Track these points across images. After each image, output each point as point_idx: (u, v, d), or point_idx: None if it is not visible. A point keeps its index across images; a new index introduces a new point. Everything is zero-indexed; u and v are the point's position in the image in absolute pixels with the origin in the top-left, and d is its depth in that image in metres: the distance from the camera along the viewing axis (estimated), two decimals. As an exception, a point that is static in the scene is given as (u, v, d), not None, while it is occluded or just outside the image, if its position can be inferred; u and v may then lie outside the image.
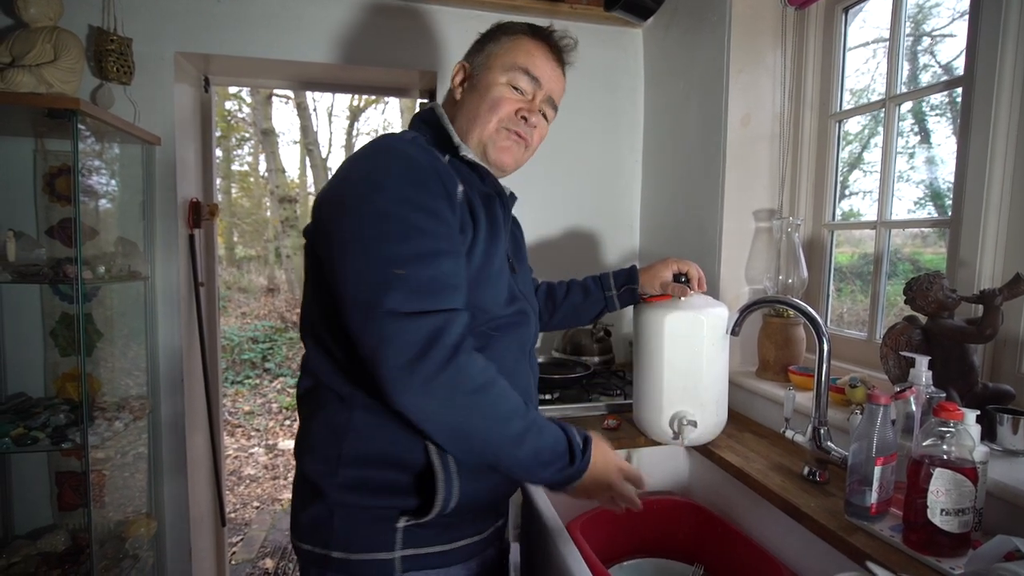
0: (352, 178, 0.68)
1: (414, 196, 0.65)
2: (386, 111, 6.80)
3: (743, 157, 1.37)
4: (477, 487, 0.72)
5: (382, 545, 0.69)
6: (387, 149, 0.69)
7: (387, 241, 0.62)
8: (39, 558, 1.41)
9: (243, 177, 6.96)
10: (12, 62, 1.26)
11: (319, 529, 0.71)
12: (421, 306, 0.61)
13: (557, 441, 0.69)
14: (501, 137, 0.79)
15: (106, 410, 1.47)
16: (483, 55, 0.81)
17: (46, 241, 1.48)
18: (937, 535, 0.66)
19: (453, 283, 0.65)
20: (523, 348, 0.82)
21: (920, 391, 0.79)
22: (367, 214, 0.63)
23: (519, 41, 0.80)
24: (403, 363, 0.59)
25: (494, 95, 0.78)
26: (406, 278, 0.61)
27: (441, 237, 0.65)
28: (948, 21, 1.12)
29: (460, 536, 0.74)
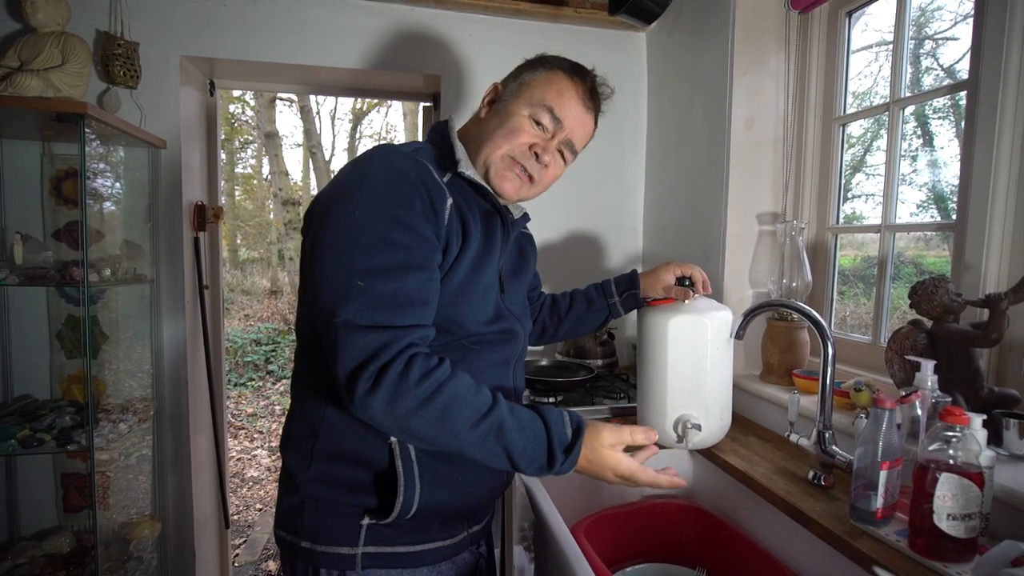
0: (339, 185, 0.69)
1: (391, 209, 0.65)
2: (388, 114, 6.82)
3: (747, 160, 1.37)
4: (443, 495, 0.73)
5: (345, 540, 0.71)
6: (377, 158, 0.70)
7: (354, 251, 0.64)
8: (44, 560, 1.42)
9: (246, 180, 6.99)
10: (20, 66, 1.27)
11: (292, 519, 0.73)
12: (374, 319, 0.62)
13: (535, 439, 0.66)
14: (504, 166, 0.78)
15: (111, 412, 1.47)
16: (517, 82, 0.81)
17: (53, 244, 1.49)
18: (943, 540, 0.66)
19: (417, 298, 0.65)
20: (506, 363, 0.82)
21: (926, 395, 0.79)
22: (343, 223, 0.65)
23: (554, 77, 0.79)
24: (348, 372, 0.62)
25: (512, 124, 0.77)
26: (365, 290, 0.63)
27: (413, 251, 0.65)
28: (951, 24, 1.12)
29: (427, 539, 0.74)
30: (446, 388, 0.64)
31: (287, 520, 0.74)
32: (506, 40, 1.73)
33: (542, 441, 0.67)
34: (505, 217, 0.81)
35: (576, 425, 0.70)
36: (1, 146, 1.46)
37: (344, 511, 0.72)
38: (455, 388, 0.64)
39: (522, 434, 0.66)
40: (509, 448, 0.65)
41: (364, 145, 6.76)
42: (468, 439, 0.64)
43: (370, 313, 0.62)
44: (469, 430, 0.64)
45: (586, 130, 0.84)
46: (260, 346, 5.34)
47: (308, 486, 0.72)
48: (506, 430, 0.65)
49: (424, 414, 0.62)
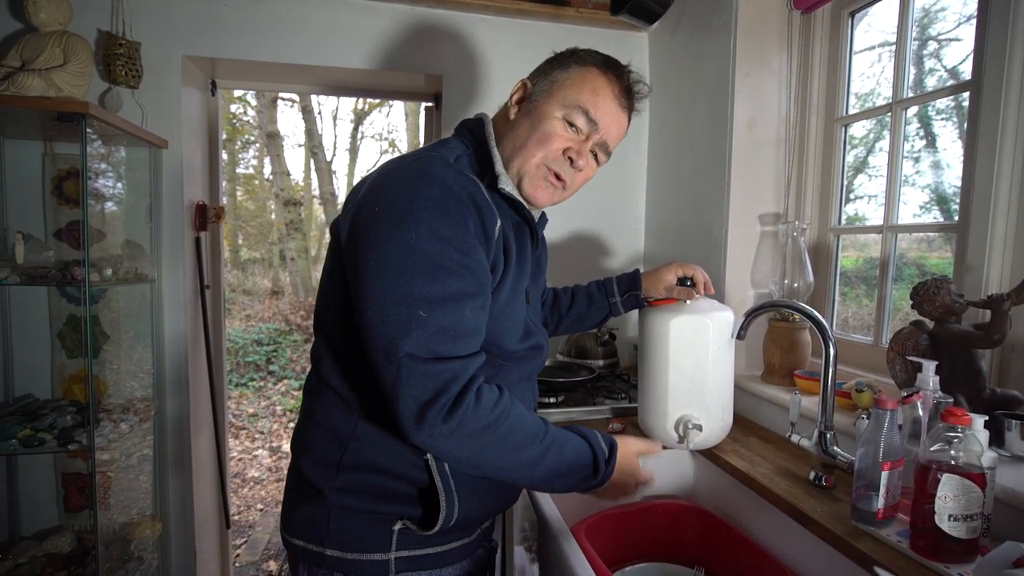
0: (388, 199, 0.65)
1: (447, 232, 0.62)
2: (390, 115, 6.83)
3: (749, 161, 1.37)
4: (476, 505, 0.75)
5: (378, 546, 0.70)
6: (427, 175, 0.65)
7: (413, 278, 0.61)
8: (45, 559, 1.42)
9: (248, 180, 7.00)
10: (22, 66, 1.27)
11: (314, 527, 0.72)
12: (438, 352, 0.62)
13: (579, 456, 0.71)
14: (540, 175, 0.76)
15: (112, 412, 1.48)
16: (548, 80, 0.76)
17: (54, 243, 1.49)
18: (945, 541, 0.66)
19: (473, 327, 0.65)
20: (531, 377, 0.84)
21: (927, 396, 0.78)
22: (396, 246, 0.62)
23: (588, 75, 0.75)
24: (416, 407, 0.61)
25: (546, 129, 0.74)
26: (427, 321, 0.61)
27: (469, 278, 0.64)
28: (954, 25, 1.12)
29: (452, 539, 0.75)
30: (511, 415, 0.66)
31: (307, 529, 0.72)
32: (508, 40, 1.73)
33: (587, 455, 0.72)
34: (536, 231, 0.79)
35: (610, 441, 0.76)
36: (3, 146, 1.47)
37: (375, 519, 0.71)
38: (516, 415, 0.67)
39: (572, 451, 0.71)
40: (560, 467, 0.69)
41: (365, 145, 6.76)
42: (525, 463, 0.67)
43: (433, 345, 0.61)
44: (528, 454, 0.67)
45: (620, 130, 0.79)
46: (261, 346, 5.34)
47: (336, 496, 0.70)
48: (558, 450, 0.69)
49: (491, 442, 0.64)
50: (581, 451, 0.72)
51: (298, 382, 4.99)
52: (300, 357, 5.31)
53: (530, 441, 0.67)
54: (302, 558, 0.73)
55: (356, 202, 0.68)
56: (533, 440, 0.68)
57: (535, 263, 0.89)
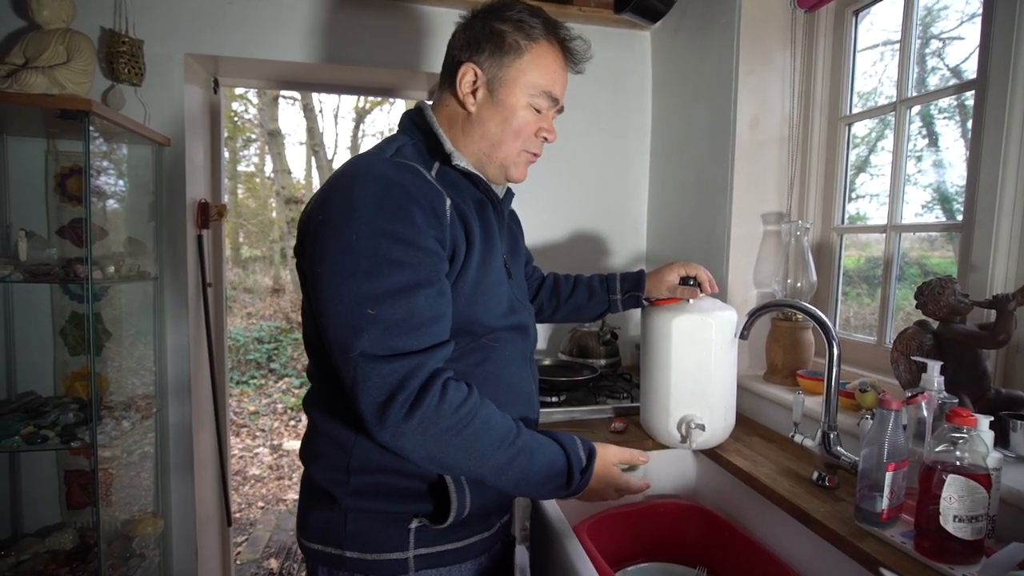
0: (328, 206, 0.66)
1: (389, 227, 0.62)
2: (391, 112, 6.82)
3: (752, 160, 1.37)
4: (489, 492, 0.73)
5: (396, 545, 0.71)
6: (363, 173, 0.66)
7: (358, 278, 0.61)
8: (47, 556, 1.42)
9: (249, 178, 6.99)
10: (25, 63, 1.27)
11: (331, 531, 0.72)
12: (393, 348, 0.61)
13: (552, 463, 0.69)
14: (522, 160, 0.79)
15: (114, 409, 1.48)
16: (501, 66, 0.74)
17: (57, 241, 1.49)
18: (950, 542, 0.65)
19: (430, 316, 0.64)
20: (525, 357, 0.83)
21: (932, 396, 0.78)
22: (339, 249, 0.63)
23: (542, 53, 0.74)
24: (375, 405, 0.61)
25: (519, 122, 0.75)
26: (377, 318, 0.61)
27: (419, 267, 0.63)
28: (957, 24, 1.12)
29: (470, 534, 0.76)
30: (478, 416, 0.64)
31: (324, 533, 0.73)
32: (510, 39, 1.72)
33: (561, 463, 0.70)
34: (498, 204, 0.80)
35: (588, 449, 0.74)
36: (6, 143, 1.47)
37: (392, 518, 0.71)
38: (485, 416, 0.65)
39: (543, 458, 0.69)
40: (529, 474, 0.67)
41: (367, 144, 6.76)
42: (492, 467, 0.65)
43: (386, 341, 0.61)
44: (495, 458, 0.65)
45: (566, 85, 0.81)
46: (263, 344, 5.34)
47: (350, 499, 0.71)
48: (528, 456, 0.67)
49: (455, 442, 0.63)
50: (554, 459, 0.70)
51: (299, 380, 4.99)
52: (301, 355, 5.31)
53: (498, 445, 0.65)
54: (321, 561, 0.74)
55: (305, 212, 0.70)
56: (501, 444, 0.65)
57: (509, 235, 0.89)
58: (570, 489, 0.71)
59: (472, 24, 0.76)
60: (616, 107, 1.82)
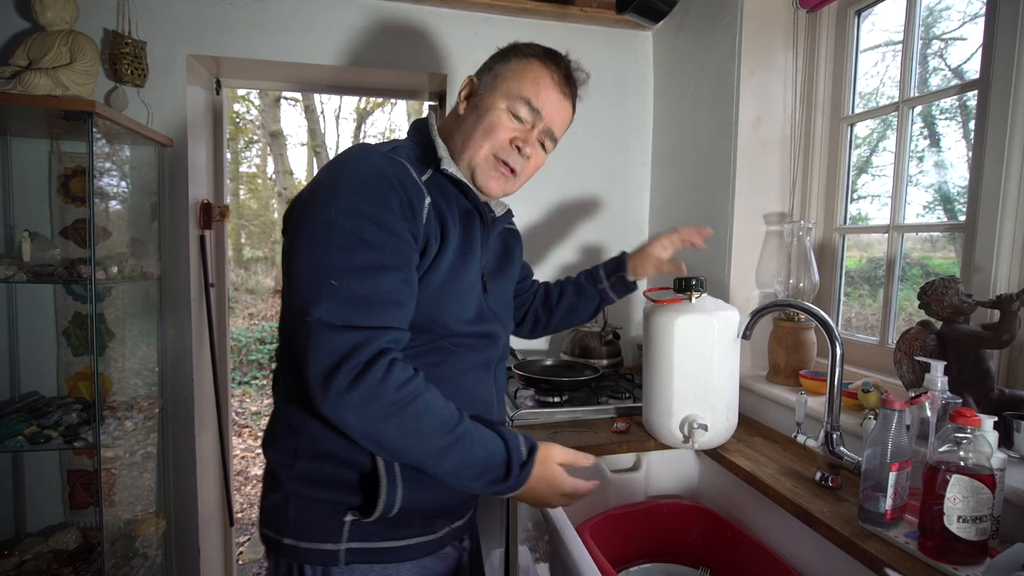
0: (317, 186, 0.69)
1: (367, 208, 0.65)
2: (392, 113, 6.83)
3: (754, 160, 1.37)
4: (424, 494, 0.73)
5: (329, 536, 0.72)
6: (354, 158, 0.69)
7: (329, 251, 0.64)
8: (50, 556, 1.43)
9: (251, 179, 7.01)
10: (29, 65, 1.27)
11: (276, 516, 0.74)
12: (346, 319, 0.62)
13: (492, 455, 0.69)
14: (489, 165, 0.78)
15: (116, 409, 1.48)
16: (491, 74, 0.80)
17: (60, 241, 1.50)
18: (953, 542, 0.65)
19: (391, 299, 0.65)
20: (487, 366, 0.82)
21: (936, 396, 0.78)
22: (318, 223, 0.65)
23: (529, 66, 0.78)
24: (320, 373, 0.61)
25: (491, 120, 0.77)
26: (338, 290, 0.63)
27: (388, 251, 0.65)
28: (959, 24, 1.12)
29: (409, 535, 0.75)
30: (421, 398, 0.64)
31: (271, 518, 0.75)
32: (512, 39, 1.69)
33: (501, 455, 0.69)
34: (485, 216, 0.80)
35: (531, 445, 0.73)
36: (10, 144, 1.47)
37: (328, 508, 0.72)
38: (428, 399, 0.65)
39: (484, 448, 0.68)
40: (468, 462, 0.66)
41: (368, 144, 6.78)
42: (431, 450, 0.65)
43: (343, 312, 0.62)
44: (435, 442, 0.65)
45: (564, 117, 0.83)
46: (264, 345, 5.35)
47: (292, 484, 0.73)
48: (468, 444, 0.67)
49: (396, 420, 0.63)
50: (495, 450, 0.69)
51: (301, 381, 4.99)
52: (303, 356, 5.30)
53: (438, 429, 0.65)
54: (268, 547, 0.75)
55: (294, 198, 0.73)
56: (442, 428, 0.65)
57: (502, 252, 0.90)
58: (508, 483, 0.69)
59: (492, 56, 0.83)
60: (618, 107, 1.82)
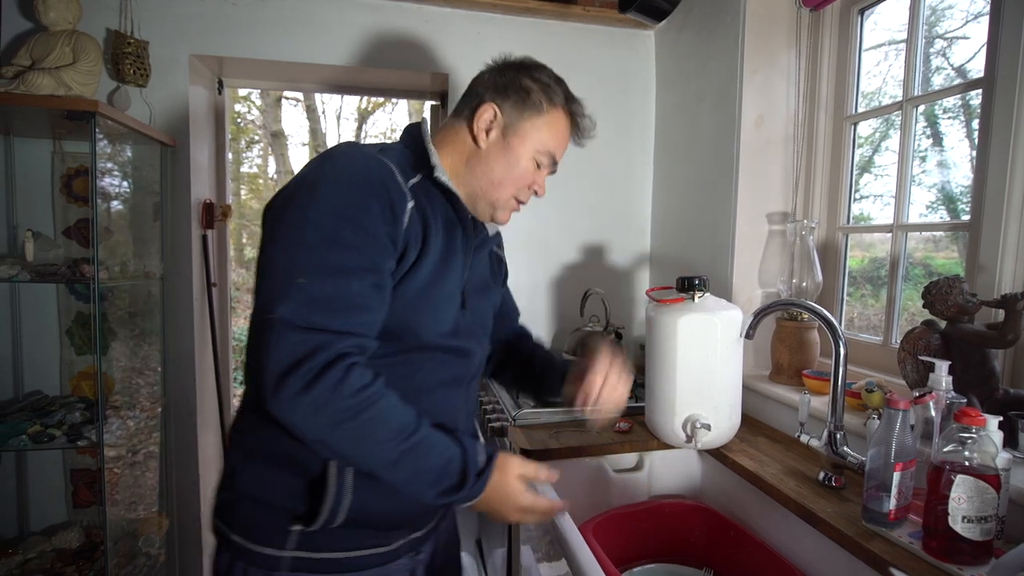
0: (298, 181, 0.68)
1: (344, 208, 0.63)
2: (394, 113, 6.83)
3: (757, 159, 1.37)
4: (378, 504, 0.71)
5: (274, 542, 0.70)
6: (338, 156, 0.68)
7: (301, 248, 0.62)
8: (54, 554, 1.43)
9: (252, 179, 7.01)
10: (32, 65, 1.27)
11: (226, 510, 0.74)
12: (309, 320, 0.60)
13: (448, 462, 0.67)
14: (510, 206, 0.82)
15: (119, 408, 1.48)
16: (520, 116, 0.78)
17: (63, 241, 1.50)
18: (958, 542, 0.65)
19: (358, 303, 0.63)
20: (458, 382, 0.80)
21: (940, 396, 0.78)
22: (295, 219, 0.64)
23: (557, 120, 0.80)
24: (276, 373, 0.60)
25: (521, 172, 0.79)
26: (305, 288, 0.61)
27: (362, 253, 0.63)
28: (961, 23, 1.11)
29: (359, 546, 0.73)
30: (376, 405, 0.62)
31: (222, 510, 0.74)
32: (514, 38, 1.72)
33: (457, 463, 0.67)
34: (468, 229, 0.78)
35: (489, 453, 0.71)
36: (13, 144, 1.48)
37: (277, 513, 0.71)
38: (384, 406, 0.63)
39: (439, 457, 0.66)
40: (423, 470, 0.65)
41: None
42: (384, 458, 0.63)
43: (306, 312, 0.60)
44: (388, 451, 0.63)
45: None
46: (266, 344, 5.35)
47: (244, 484, 0.72)
48: (424, 452, 0.65)
49: (348, 427, 0.61)
50: (451, 457, 0.67)
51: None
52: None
53: (393, 437, 0.63)
54: (218, 538, 0.75)
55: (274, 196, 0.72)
56: (396, 437, 0.63)
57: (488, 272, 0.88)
58: (462, 492, 0.67)
59: (504, 71, 0.80)
60: (620, 107, 1.82)
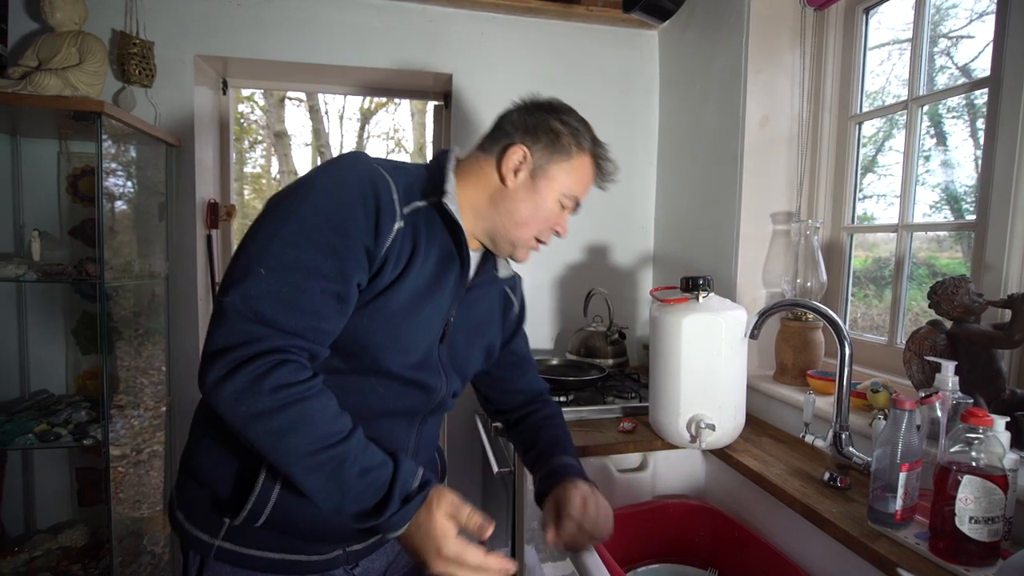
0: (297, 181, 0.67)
1: (331, 210, 0.62)
2: (396, 114, 6.84)
3: (761, 159, 1.36)
4: (299, 512, 0.68)
5: (207, 528, 0.71)
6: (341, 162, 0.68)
7: (273, 240, 0.61)
8: (60, 552, 1.44)
9: (255, 179, 7.03)
10: (39, 66, 1.28)
11: (178, 488, 0.77)
12: (256, 310, 0.58)
13: (376, 479, 0.61)
14: (530, 245, 0.82)
15: (124, 408, 1.49)
16: (549, 159, 0.78)
17: (69, 241, 1.51)
18: (965, 543, 0.65)
19: (314, 309, 0.60)
20: (412, 414, 0.76)
21: (946, 396, 0.78)
22: (278, 213, 0.63)
23: (583, 164, 0.80)
24: (207, 354, 0.59)
25: (546, 214, 0.79)
26: (263, 279, 0.59)
27: (335, 260, 0.61)
28: (966, 22, 1.11)
29: (286, 549, 0.72)
30: (299, 406, 0.59)
31: (176, 491, 0.77)
32: (518, 38, 1.73)
33: (383, 484, 0.61)
34: (466, 264, 0.76)
35: (425, 480, 0.65)
36: (19, 144, 1.48)
37: (212, 501, 0.71)
38: (310, 409, 0.59)
39: (362, 478, 0.60)
40: (342, 486, 0.60)
41: (372, 144, 6.79)
42: (301, 464, 0.59)
43: (255, 303, 0.59)
44: (305, 456, 0.59)
45: None
46: (269, 344, 5.36)
47: (193, 463, 0.74)
48: (346, 467, 0.60)
49: (266, 424, 0.58)
50: (379, 474, 0.61)
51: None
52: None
53: (313, 442, 0.59)
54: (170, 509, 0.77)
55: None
56: (318, 442, 0.59)
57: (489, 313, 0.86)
58: (383, 515, 0.60)
59: (533, 112, 0.80)
60: (623, 107, 1.82)
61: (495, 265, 0.85)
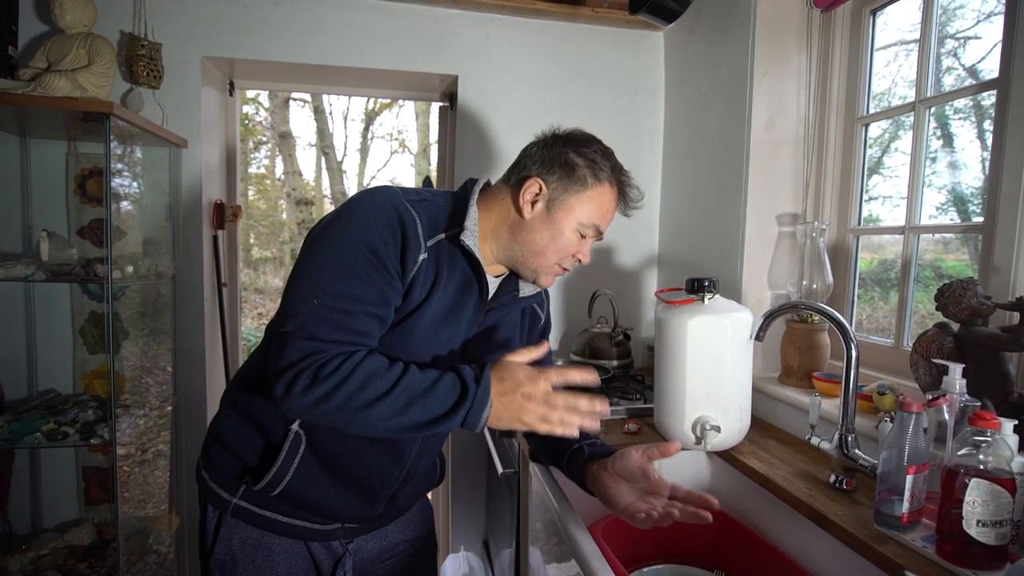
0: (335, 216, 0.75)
1: (372, 242, 0.71)
2: (400, 114, 6.86)
3: (767, 161, 1.36)
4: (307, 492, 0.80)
5: (227, 487, 0.83)
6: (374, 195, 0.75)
7: (323, 274, 0.70)
8: (66, 551, 1.45)
9: (260, 180, 7.06)
10: (48, 67, 1.29)
11: (204, 450, 0.88)
12: (312, 332, 0.68)
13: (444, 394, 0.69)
14: (553, 272, 0.85)
15: (130, 407, 1.50)
16: (564, 191, 0.81)
17: (77, 241, 1.52)
18: (972, 547, 0.65)
19: (360, 329, 0.70)
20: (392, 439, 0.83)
21: (954, 399, 0.77)
22: (326, 247, 0.72)
23: (602, 194, 0.82)
24: (277, 371, 0.68)
25: (564, 243, 0.82)
26: (317, 309, 0.69)
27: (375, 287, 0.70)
28: (973, 23, 1.11)
29: (294, 515, 0.83)
30: (359, 370, 0.68)
31: (204, 448, 0.87)
32: (523, 39, 1.73)
33: (452, 384, 0.70)
34: (484, 290, 0.81)
35: (480, 364, 0.74)
36: (28, 146, 1.50)
37: (235, 462, 0.82)
38: (368, 367, 0.69)
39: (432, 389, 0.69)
40: (416, 399, 0.68)
41: (376, 145, 6.81)
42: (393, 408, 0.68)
43: (311, 326, 0.68)
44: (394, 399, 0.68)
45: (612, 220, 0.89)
46: (273, 344, 5.38)
47: (221, 428, 0.84)
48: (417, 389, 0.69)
49: (339, 396, 0.66)
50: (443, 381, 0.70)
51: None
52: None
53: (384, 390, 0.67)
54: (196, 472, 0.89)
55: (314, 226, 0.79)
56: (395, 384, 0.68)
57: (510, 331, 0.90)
58: (468, 400, 0.68)
59: (551, 146, 0.83)
60: (628, 108, 1.82)
61: (516, 287, 0.88)
